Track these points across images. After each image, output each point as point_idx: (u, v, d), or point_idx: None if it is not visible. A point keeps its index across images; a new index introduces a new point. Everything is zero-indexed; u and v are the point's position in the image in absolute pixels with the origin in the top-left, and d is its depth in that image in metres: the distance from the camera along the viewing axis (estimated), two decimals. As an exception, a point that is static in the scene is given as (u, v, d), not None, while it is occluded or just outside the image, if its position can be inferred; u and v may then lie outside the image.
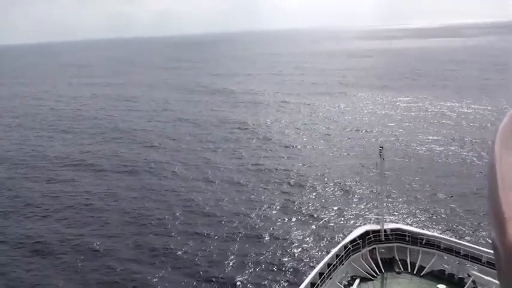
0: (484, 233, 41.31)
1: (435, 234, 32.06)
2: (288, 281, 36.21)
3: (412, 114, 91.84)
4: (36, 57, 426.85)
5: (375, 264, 29.86)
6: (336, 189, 54.45)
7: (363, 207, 49.06)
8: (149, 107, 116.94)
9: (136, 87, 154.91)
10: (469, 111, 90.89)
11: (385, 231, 31.04)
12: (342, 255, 28.83)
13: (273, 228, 45.10)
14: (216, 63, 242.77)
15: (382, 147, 31.63)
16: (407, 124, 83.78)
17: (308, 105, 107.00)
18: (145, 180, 60.71)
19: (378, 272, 29.39)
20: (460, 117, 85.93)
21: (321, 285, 26.44)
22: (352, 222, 45.16)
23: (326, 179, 58.15)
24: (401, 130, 79.76)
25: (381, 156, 31.01)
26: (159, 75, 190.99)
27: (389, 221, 32.50)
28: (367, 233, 30.97)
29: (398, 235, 30.88)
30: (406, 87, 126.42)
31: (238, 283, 36.23)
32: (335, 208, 49.16)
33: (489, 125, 77.43)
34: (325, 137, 78.40)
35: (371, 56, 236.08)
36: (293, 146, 73.41)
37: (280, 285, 35.80)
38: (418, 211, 47.36)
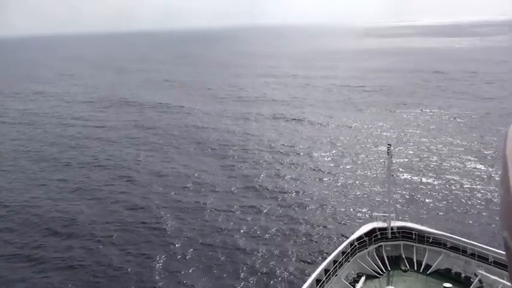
0: (491, 232, 41.04)
1: (442, 232, 31.89)
2: (292, 277, 36.26)
3: (421, 117, 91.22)
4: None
5: (381, 261, 29.77)
6: (343, 186, 54.34)
7: (370, 204, 48.92)
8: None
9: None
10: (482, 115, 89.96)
11: (391, 229, 30.92)
12: (348, 252, 28.77)
13: (279, 224, 45.17)
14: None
15: (390, 145, 31.37)
16: (416, 124, 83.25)
17: (312, 104, 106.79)
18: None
19: (384, 269, 29.30)
20: (470, 121, 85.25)
21: (326, 282, 26.39)
22: (358, 219, 45.07)
23: (333, 175, 58.05)
24: (410, 130, 79.30)
25: (389, 154, 30.80)
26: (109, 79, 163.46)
27: (396, 219, 32.35)
28: (373, 230, 30.86)
29: (405, 233, 30.75)
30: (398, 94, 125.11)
31: (242, 274, 36.39)
32: (342, 205, 49.10)
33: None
34: (332, 135, 78.12)
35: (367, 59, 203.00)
36: (300, 146, 73.30)
37: (285, 280, 35.86)
38: (425, 209, 47.18)
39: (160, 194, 54.12)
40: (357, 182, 55.45)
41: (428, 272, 28.71)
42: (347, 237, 31.88)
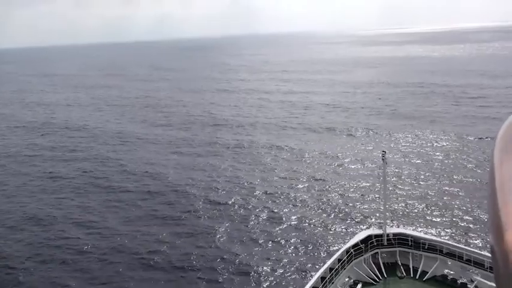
0: (487, 238, 41.11)
1: (438, 239, 31.94)
2: (289, 285, 36.12)
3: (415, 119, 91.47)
4: None
5: (377, 268, 29.77)
6: (338, 194, 54.36)
7: (365, 211, 48.93)
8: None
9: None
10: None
11: (387, 235, 30.93)
12: (344, 260, 28.75)
13: (275, 233, 45.06)
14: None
15: (384, 152, 31.51)
16: (411, 129, 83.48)
17: (308, 110, 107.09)
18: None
19: (380, 276, 29.30)
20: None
21: (323, 289, 26.37)
22: (354, 226, 45.03)
23: (328, 183, 58.09)
24: (405, 134, 79.53)
25: (383, 161, 30.90)
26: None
27: (391, 226, 32.40)
28: (369, 237, 30.87)
29: (401, 240, 30.78)
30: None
31: (242, 285, 36.21)
32: (337, 213, 49.07)
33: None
34: (326, 141, 78.24)
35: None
36: (294, 151, 73.37)
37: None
38: (421, 216, 47.24)
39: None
40: (354, 192, 55.53)
41: (424, 279, 28.71)
42: (343, 245, 31.83)
